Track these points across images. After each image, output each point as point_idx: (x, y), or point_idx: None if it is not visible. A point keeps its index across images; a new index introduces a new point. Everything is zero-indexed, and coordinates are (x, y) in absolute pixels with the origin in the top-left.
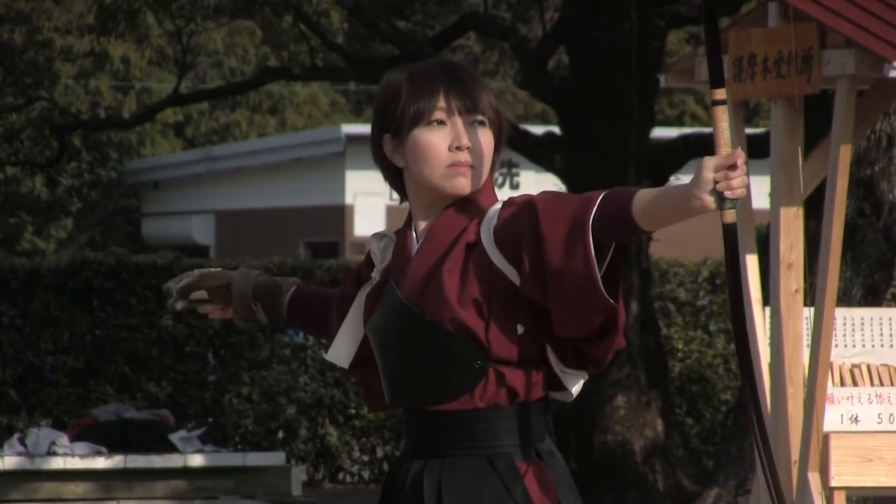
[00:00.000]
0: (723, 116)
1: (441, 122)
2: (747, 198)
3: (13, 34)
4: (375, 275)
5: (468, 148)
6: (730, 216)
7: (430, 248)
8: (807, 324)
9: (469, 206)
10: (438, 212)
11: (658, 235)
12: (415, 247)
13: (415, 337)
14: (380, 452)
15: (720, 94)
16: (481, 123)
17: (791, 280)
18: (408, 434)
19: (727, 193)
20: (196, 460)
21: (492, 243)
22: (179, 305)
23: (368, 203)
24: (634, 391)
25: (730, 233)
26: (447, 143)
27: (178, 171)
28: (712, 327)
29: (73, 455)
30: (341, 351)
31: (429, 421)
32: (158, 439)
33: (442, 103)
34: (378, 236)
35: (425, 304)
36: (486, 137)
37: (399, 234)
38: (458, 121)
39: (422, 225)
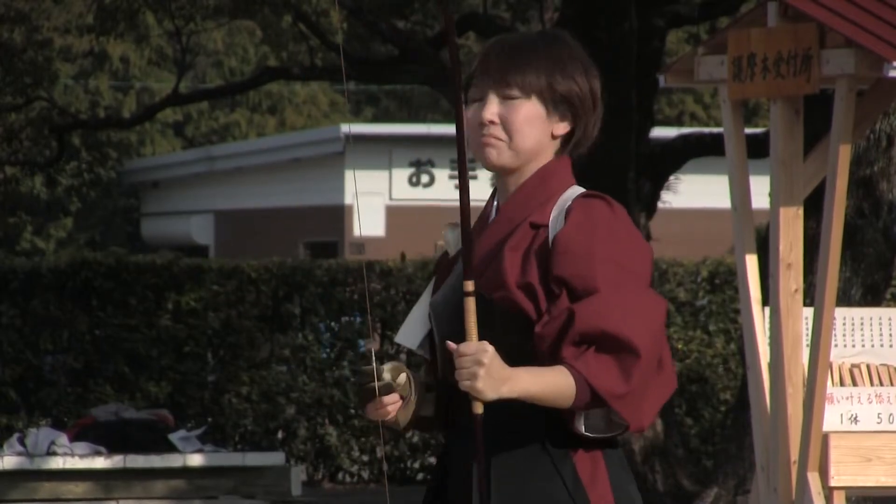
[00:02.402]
0: (471, 308)
1: (478, 101)
2: (747, 197)
3: (13, 34)
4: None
5: (491, 122)
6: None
7: (498, 226)
8: (806, 323)
9: (542, 185)
10: (509, 186)
11: (657, 235)
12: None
13: (476, 314)
14: (379, 452)
15: (470, 285)
16: (515, 97)
17: (790, 280)
18: (458, 413)
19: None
20: (195, 460)
21: (554, 236)
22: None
23: (368, 203)
24: None
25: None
26: (478, 120)
27: (177, 170)
28: (711, 327)
29: (72, 455)
30: (409, 332)
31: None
32: (158, 439)
33: (479, 82)
34: (452, 226)
35: (486, 282)
36: (522, 111)
37: (483, 211)
38: (490, 97)
39: (502, 201)
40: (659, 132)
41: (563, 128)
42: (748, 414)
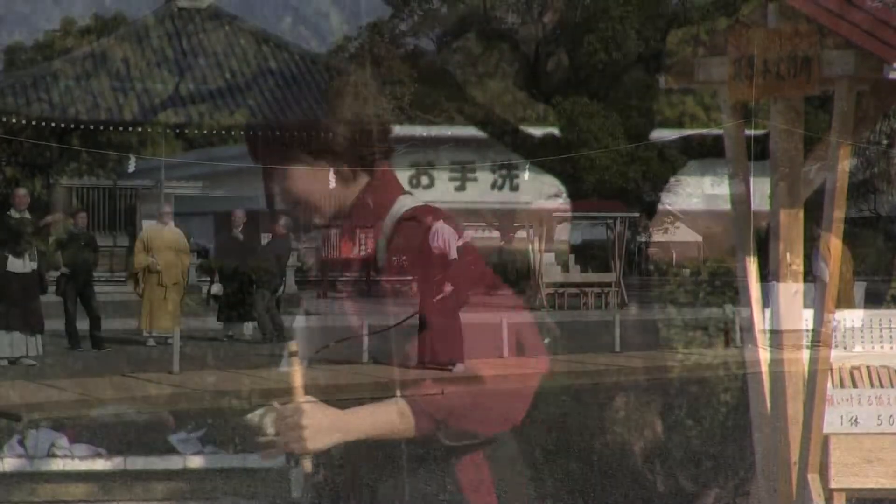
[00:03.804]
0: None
1: None
2: (747, 197)
3: (13, 34)
4: None
5: None
6: None
7: None
8: (806, 324)
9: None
10: None
11: (658, 236)
12: None
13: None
14: None
15: (294, 346)
16: None
17: (791, 280)
18: None
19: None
20: (196, 461)
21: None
22: None
23: None
24: (634, 391)
25: None
26: None
27: (177, 171)
28: (712, 327)
29: (72, 457)
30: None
31: None
32: (158, 440)
33: None
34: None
35: None
36: None
37: None
38: None
39: None
40: (659, 133)
41: None
42: (748, 415)
